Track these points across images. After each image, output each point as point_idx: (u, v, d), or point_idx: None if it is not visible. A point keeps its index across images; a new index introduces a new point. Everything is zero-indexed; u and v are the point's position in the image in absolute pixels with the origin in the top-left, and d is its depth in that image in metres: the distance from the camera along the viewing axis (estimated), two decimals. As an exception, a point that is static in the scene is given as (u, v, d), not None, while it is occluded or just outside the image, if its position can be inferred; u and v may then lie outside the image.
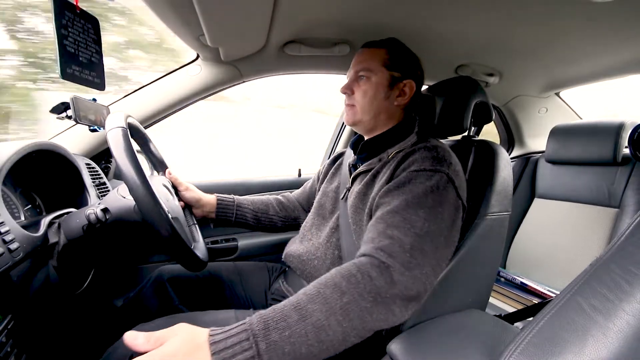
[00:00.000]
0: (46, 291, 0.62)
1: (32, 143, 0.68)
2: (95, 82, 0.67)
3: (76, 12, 0.61)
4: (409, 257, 0.56)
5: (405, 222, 0.60)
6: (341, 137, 1.61)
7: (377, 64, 0.79)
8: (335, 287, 0.52)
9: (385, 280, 0.53)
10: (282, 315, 0.48)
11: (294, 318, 0.48)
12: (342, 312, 0.50)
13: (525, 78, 1.35)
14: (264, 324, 0.47)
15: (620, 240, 0.34)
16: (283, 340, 0.46)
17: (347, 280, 0.53)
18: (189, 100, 1.13)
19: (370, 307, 0.51)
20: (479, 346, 0.61)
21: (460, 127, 0.87)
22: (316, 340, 0.47)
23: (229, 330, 0.46)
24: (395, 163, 0.72)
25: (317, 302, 0.50)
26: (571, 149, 1.37)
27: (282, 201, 1.06)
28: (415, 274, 0.56)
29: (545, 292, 1.26)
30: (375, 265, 0.55)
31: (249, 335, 0.45)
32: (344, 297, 0.51)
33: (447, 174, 0.66)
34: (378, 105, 0.79)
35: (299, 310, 0.49)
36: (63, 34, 0.59)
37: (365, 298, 0.51)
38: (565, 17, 0.84)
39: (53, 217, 0.67)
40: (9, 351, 0.53)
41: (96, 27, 0.67)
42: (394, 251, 0.57)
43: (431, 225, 0.60)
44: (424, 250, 0.58)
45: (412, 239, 0.58)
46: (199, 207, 0.92)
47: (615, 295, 0.30)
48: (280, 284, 0.89)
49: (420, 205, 0.62)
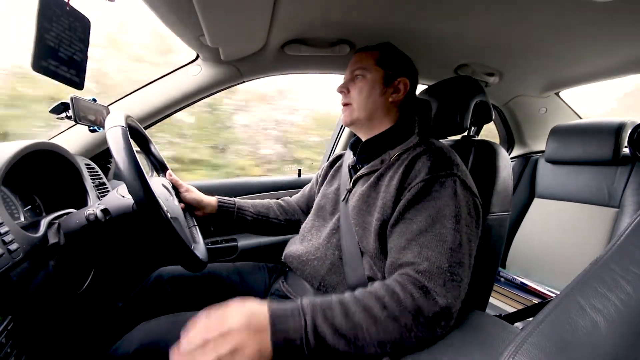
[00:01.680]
0: (46, 292, 0.62)
1: (32, 143, 0.68)
2: (73, 79, 0.66)
3: (65, 9, 0.61)
4: (450, 276, 0.58)
5: (437, 239, 0.61)
6: (340, 139, 1.61)
7: (371, 62, 0.82)
8: (378, 299, 0.54)
9: (427, 302, 0.55)
10: (329, 304, 0.53)
11: (337, 310, 0.52)
12: (382, 324, 0.52)
13: (525, 78, 1.35)
14: (312, 306, 0.52)
15: (620, 239, 0.34)
16: (327, 327, 0.50)
17: (390, 294, 0.55)
18: (189, 100, 1.13)
19: (410, 324, 0.53)
20: (479, 346, 0.60)
21: (460, 127, 0.87)
22: (354, 338, 0.51)
23: (286, 308, 0.51)
24: (403, 167, 0.72)
25: (359, 307, 0.53)
26: (571, 148, 1.37)
27: (283, 205, 1.07)
28: (455, 293, 0.57)
29: (545, 292, 1.26)
30: (417, 286, 0.56)
31: (300, 313, 0.51)
32: (384, 311, 0.53)
33: (458, 175, 0.67)
34: (374, 102, 0.81)
35: (344, 307, 0.53)
36: (45, 27, 0.58)
37: (406, 316, 0.53)
38: (565, 17, 0.84)
39: (53, 218, 0.67)
40: (9, 352, 0.53)
41: (85, 27, 0.66)
42: (433, 274, 0.58)
43: (461, 235, 0.62)
44: (462, 263, 0.60)
45: (448, 257, 0.59)
46: (200, 208, 0.92)
47: (615, 295, 0.30)
48: (280, 284, 0.89)
49: (446, 218, 0.63)
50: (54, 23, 0.59)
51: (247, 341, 0.46)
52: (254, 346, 0.46)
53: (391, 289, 0.56)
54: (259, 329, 0.48)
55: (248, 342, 0.46)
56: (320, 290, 0.79)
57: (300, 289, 0.83)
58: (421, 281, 0.57)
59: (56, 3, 0.59)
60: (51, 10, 0.59)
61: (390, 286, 0.56)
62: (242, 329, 0.47)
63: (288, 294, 0.84)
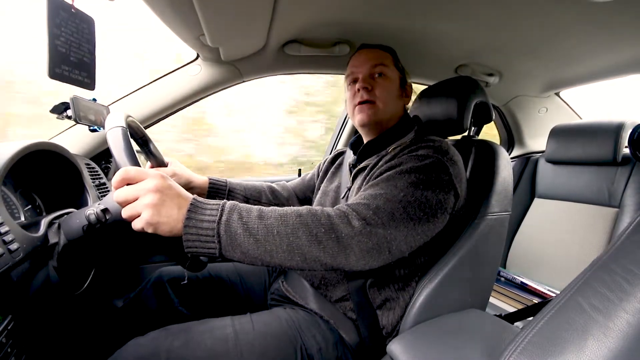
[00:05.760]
0: (46, 292, 0.62)
1: (32, 143, 0.68)
2: (85, 82, 0.67)
3: (71, 12, 0.61)
4: (372, 214, 0.58)
5: (380, 190, 0.62)
6: (342, 136, 1.61)
7: (391, 62, 0.81)
8: (295, 210, 0.56)
9: (342, 222, 0.56)
10: (248, 208, 0.55)
11: (254, 214, 0.54)
12: (293, 228, 0.54)
13: (525, 78, 1.35)
14: (232, 206, 0.54)
15: (621, 239, 0.34)
16: (239, 224, 0.52)
17: (308, 209, 0.57)
18: (189, 100, 1.13)
19: (322, 237, 0.54)
20: (479, 346, 0.61)
21: (460, 127, 0.87)
22: (264, 239, 0.53)
23: (208, 202, 0.54)
24: (391, 155, 0.73)
25: (276, 213, 0.55)
26: (571, 148, 1.37)
27: (276, 189, 1.04)
28: (376, 231, 0.57)
29: (545, 291, 1.26)
30: (338, 211, 0.58)
31: (219, 208, 0.53)
32: (299, 218, 0.55)
33: (440, 159, 0.67)
34: (395, 104, 0.81)
35: (260, 211, 0.55)
36: (55, 33, 0.58)
37: (319, 228, 0.54)
38: (565, 17, 0.84)
39: (53, 218, 0.67)
40: (9, 352, 0.53)
41: (91, 27, 0.67)
42: (359, 208, 0.59)
43: (407, 197, 0.61)
44: (393, 215, 0.59)
45: (380, 202, 0.60)
46: (189, 188, 0.89)
47: (615, 295, 0.30)
48: (280, 284, 0.89)
49: (401, 179, 0.63)
50: (62, 28, 0.60)
51: (166, 202, 0.50)
52: (169, 211, 0.50)
53: (312, 210, 0.57)
54: (180, 205, 0.51)
55: (166, 203, 0.50)
56: (320, 288, 0.79)
57: (300, 289, 0.83)
58: (343, 210, 0.58)
59: (62, 6, 0.60)
60: (59, 14, 0.59)
61: (311, 209, 0.58)
62: (166, 194, 0.51)
63: (287, 293, 0.84)
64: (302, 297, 0.81)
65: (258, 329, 0.70)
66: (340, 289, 0.76)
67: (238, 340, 0.67)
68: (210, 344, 0.65)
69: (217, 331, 0.68)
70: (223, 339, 0.67)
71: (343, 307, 0.76)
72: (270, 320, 0.73)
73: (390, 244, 0.58)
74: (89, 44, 0.67)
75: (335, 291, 0.77)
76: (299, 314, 0.77)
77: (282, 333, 0.71)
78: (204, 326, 0.69)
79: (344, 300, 0.76)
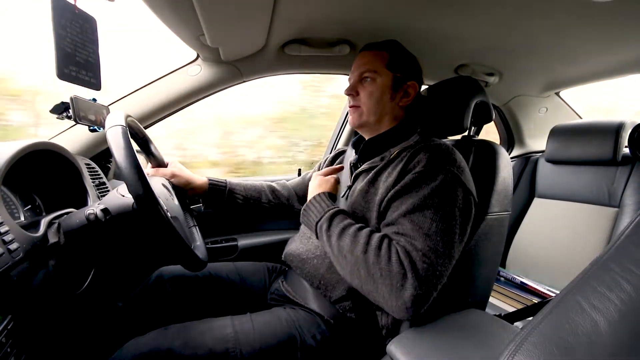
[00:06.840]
0: (46, 291, 0.62)
1: (32, 143, 0.68)
2: (92, 82, 0.67)
3: (74, 13, 0.61)
4: (424, 261, 0.61)
5: (414, 224, 0.63)
6: (342, 136, 1.61)
7: (381, 65, 0.80)
8: (365, 241, 0.65)
9: (399, 275, 0.60)
10: (338, 222, 0.70)
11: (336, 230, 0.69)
12: (356, 260, 0.64)
13: (525, 78, 1.35)
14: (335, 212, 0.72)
15: (620, 239, 0.34)
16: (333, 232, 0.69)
17: (375, 245, 0.64)
18: (189, 100, 1.13)
19: (378, 280, 0.61)
20: (479, 346, 0.61)
21: (460, 127, 0.87)
22: (337, 254, 0.68)
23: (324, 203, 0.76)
24: (402, 164, 0.72)
25: (349, 238, 0.67)
26: (571, 148, 1.37)
27: (276, 189, 1.04)
28: (428, 277, 0.60)
29: (545, 291, 1.26)
30: (397, 253, 0.62)
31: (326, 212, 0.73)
32: (364, 255, 0.64)
33: (451, 171, 0.67)
34: (383, 107, 0.80)
35: (343, 228, 0.69)
36: (61, 34, 0.59)
37: (376, 272, 0.62)
38: (565, 17, 0.84)
39: (53, 217, 0.67)
40: (9, 352, 0.53)
41: (93, 27, 0.67)
42: (409, 250, 0.62)
43: (439, 225, 0.62)
44: (437, 250, 0.61)
45: (422, 241, 0.62)
46: (189, 189, 0.90)
47: (615, 295, 0.30)
48: (280, 283, 0.89)
49: (427, 207, 0.64)
50: (67, 29, 0.61)
51: None
52: None
53: (377, 249, 0.63)
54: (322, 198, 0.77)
55: None
56: (320, 289, 0.79)
57: (300, 289, 0.83)
58: (402, 258, 0.62)
59: (66, 7, 0.60)
60: (63, 16, 0.59)
61: (377, 245, 0.64)
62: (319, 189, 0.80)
63: (287, 293, 0.84)
64: (302, 297, 0.81)
65: (258, 329, 0.70)
66: (340, 289, 0.76)
67: (238, 340, 0.67)
68: (210, 344, 0.65)
69: (217, 331, 0.68)
70: (223, 339, 0.67)
71: (343, 307, 0.76)
72: (270, 320, 0.74)
73: (439, 283, 0.62)
74: (93, 44, 0.67)
75: (335, 291, 0.77)
76: (299, 313, 0.77)
77: (282, 333, 0.71)
78: (204, 326, 0.70)
79: (344, 300, 0.76)
